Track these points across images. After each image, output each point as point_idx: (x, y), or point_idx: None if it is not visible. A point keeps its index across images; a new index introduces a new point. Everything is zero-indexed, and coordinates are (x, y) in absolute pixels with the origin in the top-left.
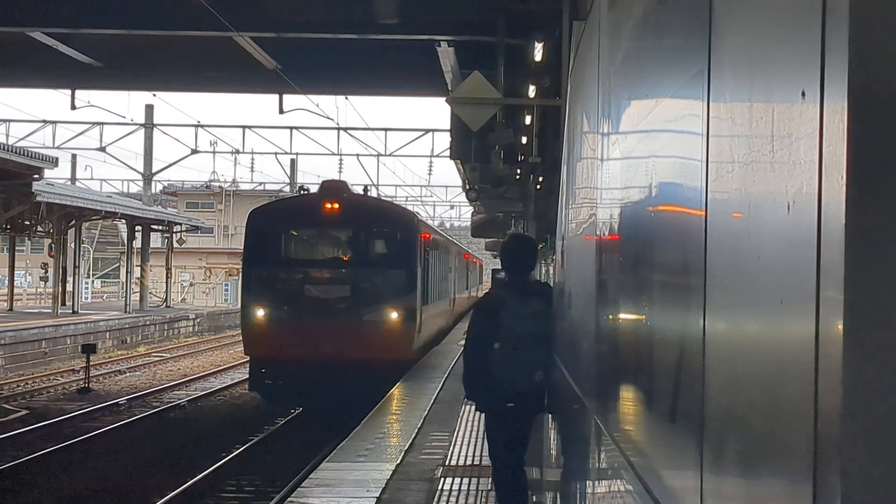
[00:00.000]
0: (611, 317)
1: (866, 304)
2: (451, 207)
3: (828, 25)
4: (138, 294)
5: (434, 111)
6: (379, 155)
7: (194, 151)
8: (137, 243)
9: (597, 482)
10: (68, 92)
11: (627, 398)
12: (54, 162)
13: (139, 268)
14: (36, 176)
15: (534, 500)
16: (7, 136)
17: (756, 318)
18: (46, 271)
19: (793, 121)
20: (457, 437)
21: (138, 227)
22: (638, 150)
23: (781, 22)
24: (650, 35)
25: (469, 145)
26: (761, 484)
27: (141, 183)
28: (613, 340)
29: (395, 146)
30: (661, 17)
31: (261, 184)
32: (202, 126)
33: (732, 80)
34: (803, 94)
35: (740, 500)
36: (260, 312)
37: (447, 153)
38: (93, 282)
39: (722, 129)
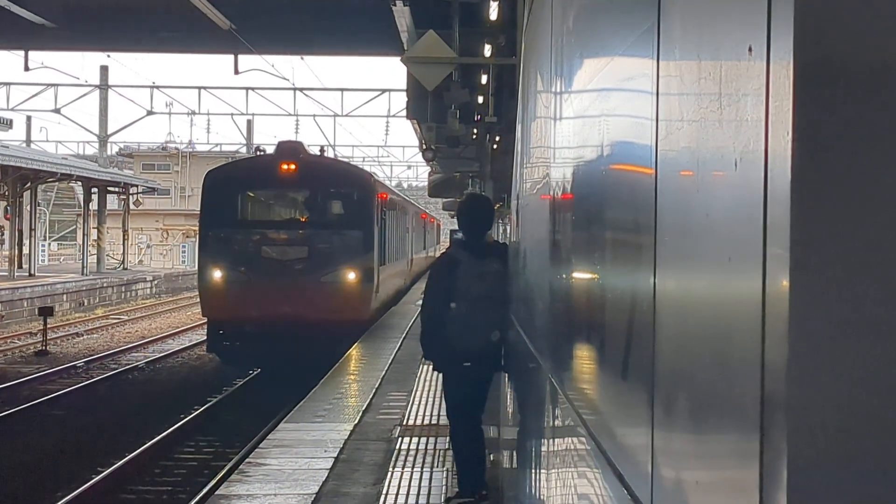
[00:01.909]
0: (564, 276)
1: (812, 260)
2: (408, 167)
3: None
4: (95, 256)
5: (390, 71)
6: (335, 115)
7: (150, 113)
8: (94, 205)
9: (552, 440)
10: (21, 53)
11: (581, 357)
12: (8, 124)
13: (96, 230)
14: None
15: (490, 458)
16: None
17: (705, 275)
18: (2, 234)
19: (740, 77)
20: (414, 396)
21: (94, 189)
22: (590, 108)
23: None
24: None
25: (425, 105)
26: (710, 440)
27: (97, 145)
28: (567, 300)
29: (352, 107)
30: None
31: (217, 145)
32: (157, 87)
33: (682, 35)
34: (750, 49)
35: (690, 456)
36: (217, 274)
37: (403, 113)
38: (49, 244)
39: (671, 87)
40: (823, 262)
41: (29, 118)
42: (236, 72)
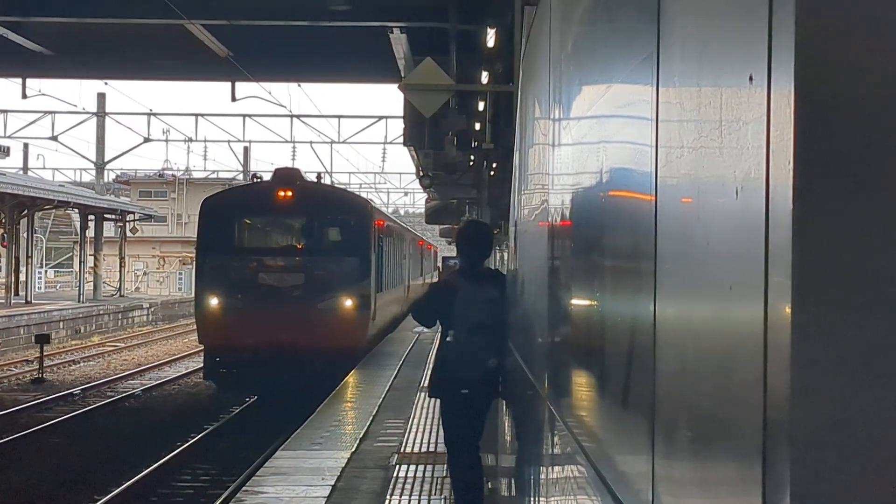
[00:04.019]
0: (563, 303)
1: (814, 289)
2: (405, 194)
3: (775, 8)
4: (92, 283)
5: (387, 98)
6: (332, 142)
7: (147, 140)
8: (90, 232)
9: (551, 468)
10: (19, 81)
11: (580, 384)
12: (6, 151)
13: (93, 257)
14: None
15: (489, 486)
16: None
17: (705, 303)
18: None
19: (741, 105)
20: (412, 424)
21: (91, 217)
22: (589, 135)
23: (729, 5)
24: (600, 20)
25: (422, 132)
26: (712, 468)
27: (93, 172)
28: (566, 326)
29: (349, 133)
30: (610, 1)
31: (214, 172)
32: (154, 114)
33: (681, 64)
34: (751, 78)
35: (691, 484)
36: (214, 301)
37: (400, 140)
38: (46, 271)
39: (671, 114)
40: (826, 291)
41: (26, 145)
42: (233, 99)
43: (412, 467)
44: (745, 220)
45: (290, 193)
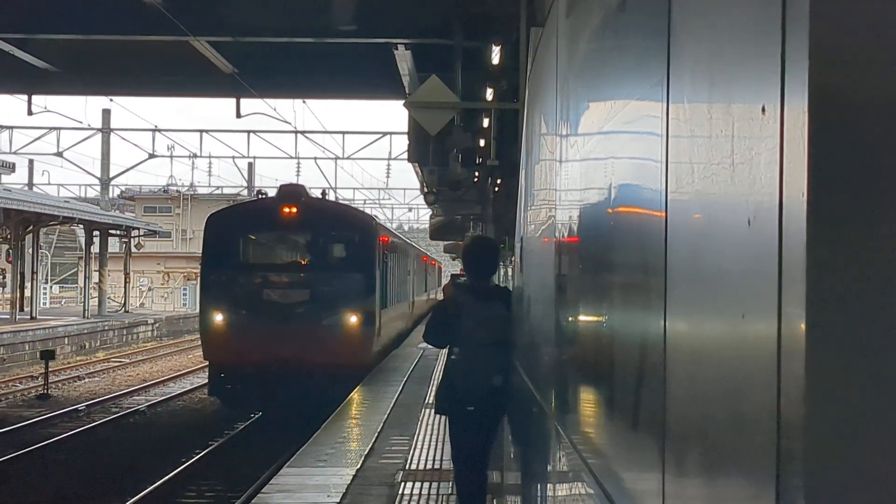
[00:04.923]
0: (570, 320)
1: (828, 319)
2: (410, 210)
3: (788, 39)
4: (97, 299)
5: (392, 114)
6: (337, 158)
7: (152, 156)
8: (95, 248)
9: (556, 485)
10: (25, 97)
11: (586, 402)
12: (11, 167)
13: (97, 273)
14: None
15: (494, 503)
16: None
17: (717, 330)
18: (4, 277)
19: (753, 136)
20: (417, 440)
21: (96, 232)
22: (597, 153)
23: (742, 34)
24: (608, 43)
25: (427, 148)
26: (725, 492)
27: (98, 188)
28: (573, 344)
29: (353, 149)
30: (619, 25)
31: (218, 188)
32: (159, 130)
33: (692, 90)
34: (763, 109)
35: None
36: (219, 317)
37: (405, 156)
38: (51, 287)
39: (681, 142)
40: (839, 321)
41: (31, 162)
42: (238, 115)
43: (418, 484)
44: (757, 250)
45: (294, 209)
